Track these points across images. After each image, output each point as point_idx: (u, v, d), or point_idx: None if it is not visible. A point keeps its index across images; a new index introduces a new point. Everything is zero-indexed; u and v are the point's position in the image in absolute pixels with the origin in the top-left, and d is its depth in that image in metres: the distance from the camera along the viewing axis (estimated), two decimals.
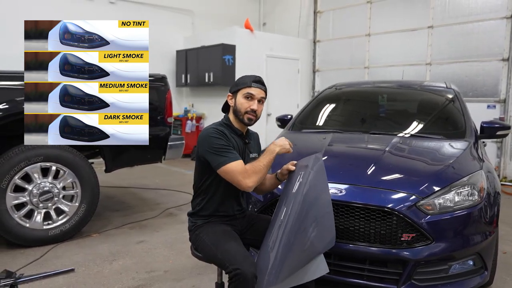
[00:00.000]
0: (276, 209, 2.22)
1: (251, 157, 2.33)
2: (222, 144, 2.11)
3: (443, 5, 7.26)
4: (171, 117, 4.29)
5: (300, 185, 2.12)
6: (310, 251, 2.03)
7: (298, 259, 2.00)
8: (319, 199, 2.11)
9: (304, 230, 2.01)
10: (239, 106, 2.21)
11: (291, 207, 2.07)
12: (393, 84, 4.41)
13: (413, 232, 2.35)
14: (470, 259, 2.47)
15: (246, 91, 2.20)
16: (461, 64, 7.07)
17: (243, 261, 1.94)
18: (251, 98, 2.20)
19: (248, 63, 8.09)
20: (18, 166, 3.42)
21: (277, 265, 1.96)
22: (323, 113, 4.06)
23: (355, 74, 8.55)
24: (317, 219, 2.06)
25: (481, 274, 2.49)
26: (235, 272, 1.89)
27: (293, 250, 1.98)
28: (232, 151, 2.12)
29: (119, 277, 3.03)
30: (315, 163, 2.22)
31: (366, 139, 3.37)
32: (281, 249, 1.97)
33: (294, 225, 2.01)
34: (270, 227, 2.16)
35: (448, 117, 3.68)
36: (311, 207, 2.07)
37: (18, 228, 3.47)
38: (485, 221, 2.51)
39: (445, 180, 2.54)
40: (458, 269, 2.44)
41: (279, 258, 1.96)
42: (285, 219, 2.05)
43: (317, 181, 2.14)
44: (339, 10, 8.92)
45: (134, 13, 8.28)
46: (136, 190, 5.72)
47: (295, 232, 1.99)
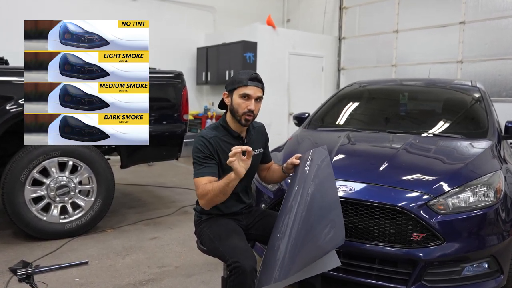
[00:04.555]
0: (283, 204, 2.27)
1: (254, 153, 2.28)
2: (199, 156, 2.17)
3: (476, 0, 7.15)
4: (187, 114, 4.43)
5: (306, 180, 2.18)
6: (319, 246, 2.03)
7: (308, 253, 2.02)
8: (325, 193, 2.13)
9: (312, 224, 2.04)
10: (236, 107, 2.19)
11: (298, 202, 2.12)
12: (415, 82, 4.42)
13: (423, 232, 2.39)
14: (485, 261, 2.48)
15: (242, 91, 2.17)
16: (495, 62, 6.94)
17: (242, 255, 2.02)
18: (247, 98, 2.17)
19: (269, 60, 8.18)
20: (37, 160, 3.63)
21: (287, 258, 2.00)
22: (341, 111, 4.11)
23: (382, 72, 8.52)
24: (324, 214, 2.08)
25: (496, 277, 2.50)
26: (234, 265, 1.97)
27: (302, 244, 2.02)
28: (208, 165, 2.15)
29: (131, 271, 3.18)
30: (320, 155, 2.25)
31: (382, 137, 3.41)
32: (291, 243, 2.01)
33: (303, 219, 2.05)
34: (277, 222, 2.21)
35: (471, 116, 3.67)
36: (317, 201, 2.10)
37: (36, 221, 3.68)
38: (502, 223, 2.51)
39: (460, 180, 2.56)
40: (472, 271, 2.46)
41: (289, 251, 2.01)
42: (293, 213, 2.10)
43: (322, 174, 2.18)
44: (366, 6, 8.90)
45: (156, 11, 8.54)
46: (153, 188, 5.91)
47: (303, 226, 2.03)
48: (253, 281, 1.99)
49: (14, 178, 3.56)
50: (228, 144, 2.22)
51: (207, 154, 2.18)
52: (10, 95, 3.56)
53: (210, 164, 2.18)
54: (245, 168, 1.99)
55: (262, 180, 2.64)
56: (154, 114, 4.25)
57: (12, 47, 6.55)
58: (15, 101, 3.55)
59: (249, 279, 1.97)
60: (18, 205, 3.58)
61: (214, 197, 2.08)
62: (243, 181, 2.37)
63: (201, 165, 2.17)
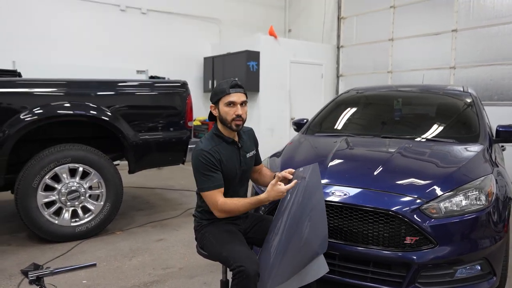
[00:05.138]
0: (276, 215, 2.25)
1: (248, 156, 2.34)
2: (203, 169, 2.13)
3: (467, 8, 7.02)
4: (191, 121, 4.38)
5: (296, 196, 2.17)
6: (305, 255, 2.12)
7: (295, 262, 2.10)
8: (313, 209, 2.14)
9: (299, 236, 2.11)
10: (224, 115, 2.17)
11: (287, 215, 2.15)
12: (409, 88, 4.31)
13: (416, 236, 2.30)
14: (477, 263, 2.38)
15: (226, 99, 2.14)
16: (486, 68, 6.80)
17: (246, 259, 1.98)
18: (233, 105, 2.15)
19: (272, 68, 8.12)
20: (48, 167, 3.59)
21: (277, 266, 2.07)
22: (338, 117, 4.02)
23: (378, 78, 8.41)
24: (310, 227, 2.12)
25: (489, 279, 2.39)
26: (239, 269, 1.93)
27: (289, 254, 2.08)
28: (214, 176, 2.13)
29: (137, 273, 3.11)
30: (312, 173, 2.20)
31: (377, 142, 3.32)
32: (280, 253, 2.08)
33: (289, 230, 2.11)
34: (269, 231, 2.23)
35: (463, 120, 3.56)
36: (305, 216, 2.13)
37: (48, 225, 3.63)
38: (494, 226, 2.41)
39: (452, 184, 2.47)
40: (465, 273, 2.36)
41: (279, 260, 2.08)
42: (281, 225, 2.15)
43: (312, 191, 2.16)
44: (363, 16, 8.79)
45: (164, 23, 8.52)
46: (161, 191, 5.85)
47: (290, 239, 2.09)
48: (256, 285, 1.96)
49: (27, 184, 3.52)
50: (225, 151, 2.23)
51: (211, 166, 2.14)
52: (24, 105, 3.53)
53: (215, 175, 2.15)
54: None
55: (254, 181, 2.61)
56: (162, 121, 4.22)
57: (22, 57, 6.64)
58: (29, 111, 3.51)
59: (252, 283, 1.93)
60: (31, 210, 3.54)
61: (237, 213, 2.18)
62: (244, 185, 2.35)
63: (207, 178, 2.14)
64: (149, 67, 7.84)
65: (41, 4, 7.04)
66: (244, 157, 2.31)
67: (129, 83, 4.18)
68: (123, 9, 7.93)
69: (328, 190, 2.52)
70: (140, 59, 8.04)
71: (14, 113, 3.47)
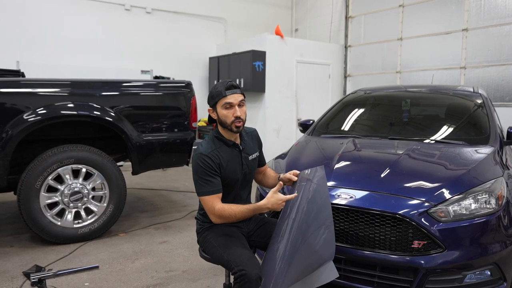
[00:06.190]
0: (280, 218, 2.24)
1: (250, 159, 2.33)
2: (202, 174, 2.12)
3: (478, 7, 6.97)
4: (196, 122, 4.38)
5: (302, 199, 2.15)
6: (313, 261, 2.10)
7: (300, 267, 2.07)
8: (319, 212, 2.13)
9: (306, 242, 2.08)
10: (223, 118, 2.15)
11: (293, 219, 2.13)
12: (418, 88, 4.28)
13: (424, 240, 2.28)
14: (487, 269, 2.35)
15: (223, 101, 2.13)
16: (497, 68, 6.74)
17: (248, 263, 1.97)
18: (231, 106, 2.13)
19: (278, 68, 8.11)
20: (51, 168, 3.61)
21: (282, 271, 2.04)
22: (345, 118, 4.00)
23: (386, 79, 8.37)
24: (316, 231, 2.10)
25: (499, 285, 2.36)
26: (240, 273, 1.93)
27: (296, 260, 2.05)
28: (212, 181, 2.12)
29: (139, 275, 3.12)
30: (317, 176, 2.19)
31: (384, 144, 3.29)
32: (285, 258, 2.05)
33: (296, 236, 2.08)
34: (274, 235, 2.21)
35: (473, 122, 3.52)
36: (311, 220, 2.11)
37: (51, 226, 3.65)
38: (504, 230, 2.38)
39: (461, 187, 2.44)
40: (474, 279, 2.33)
41: (285, 265, 2.05)
42: (287, 229, 2.13)
43: (318, 194, 2.14)
44: (371, 15, 8.76)
45: (170, 23, 8.54)
46: (165, 192, 5.86)
47: (297, 244, 2.07)
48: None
49: (29, 185, 3.54)
50: (226, 154, 2.21)
51: (210, 171, 2.13)
52: (27, 105, 3.55)
53: (213, 180, 2.14)
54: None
55: (258, 183, 2.60)
56: (166, 122, 4.23)
57: (26, 57, 6.70)
58: (32, 111, 3.54)
59: (254, 287, 1.92)
60: (33, 211, 3.56)
61: (234, 220, 2.14)
62: (247, 188, 2.34)
63: (206, 182, 2.13)
64: (154, 67, 7.89)
65: (45, 4, 7.10)
66: (246, 159, 2.30)
67: (133, 83, 4.19)
68: (128, 9, 7.97)
69: (334, 193, 2.51)
70: (145, 59, 8.08)
71: (17, 113, 3.50)
